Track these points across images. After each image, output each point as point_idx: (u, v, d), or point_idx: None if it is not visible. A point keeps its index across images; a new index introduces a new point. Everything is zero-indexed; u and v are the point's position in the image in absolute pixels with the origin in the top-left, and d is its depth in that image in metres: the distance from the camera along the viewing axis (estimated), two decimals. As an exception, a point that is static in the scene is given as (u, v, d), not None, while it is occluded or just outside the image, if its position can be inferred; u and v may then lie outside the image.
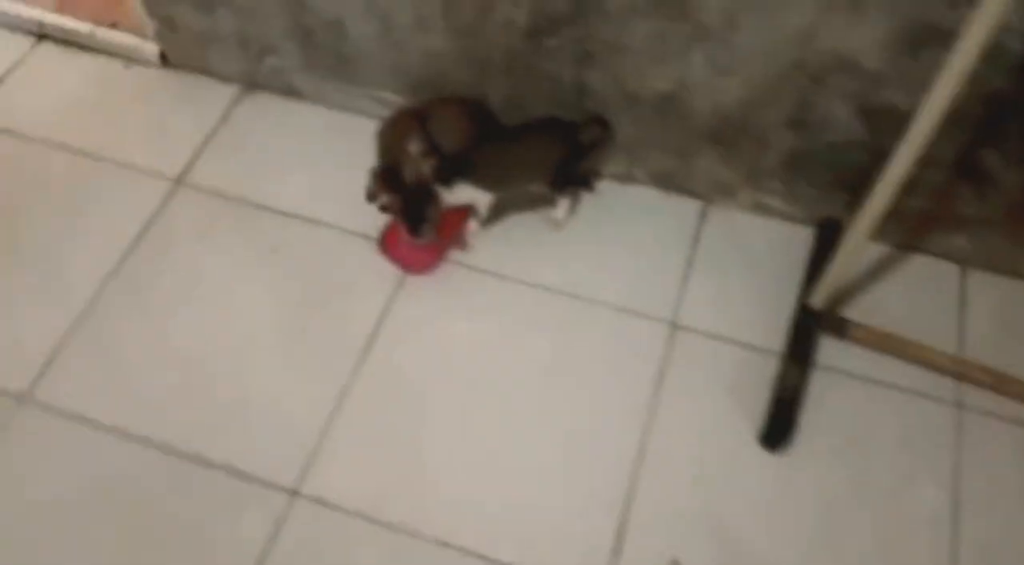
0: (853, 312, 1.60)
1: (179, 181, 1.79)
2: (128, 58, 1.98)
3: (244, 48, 1.85)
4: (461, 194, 1.58)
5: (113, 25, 1.98)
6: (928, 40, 1.33)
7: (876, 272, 1.68)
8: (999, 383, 1.50)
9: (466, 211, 1.65)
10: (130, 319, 1.61)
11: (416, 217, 1.56)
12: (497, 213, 1.69)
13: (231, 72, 1.92)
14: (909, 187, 1.55)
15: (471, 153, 1.57)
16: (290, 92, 1.91)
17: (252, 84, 1.93)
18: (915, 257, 1.70)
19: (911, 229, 1.66)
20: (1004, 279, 1.67)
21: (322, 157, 1.83)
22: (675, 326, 1.60)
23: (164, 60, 1.96)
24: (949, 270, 1.69)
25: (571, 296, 1.64)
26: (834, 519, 1.41)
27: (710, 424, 1.50)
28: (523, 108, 1.71)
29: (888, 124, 1.47)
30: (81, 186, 1.78)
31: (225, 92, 1.93)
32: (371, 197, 1.63)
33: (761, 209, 1.74)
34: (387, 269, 1.67)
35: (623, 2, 1.44)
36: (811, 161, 1.60)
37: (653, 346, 1.58)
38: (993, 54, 1.28)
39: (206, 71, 1.94)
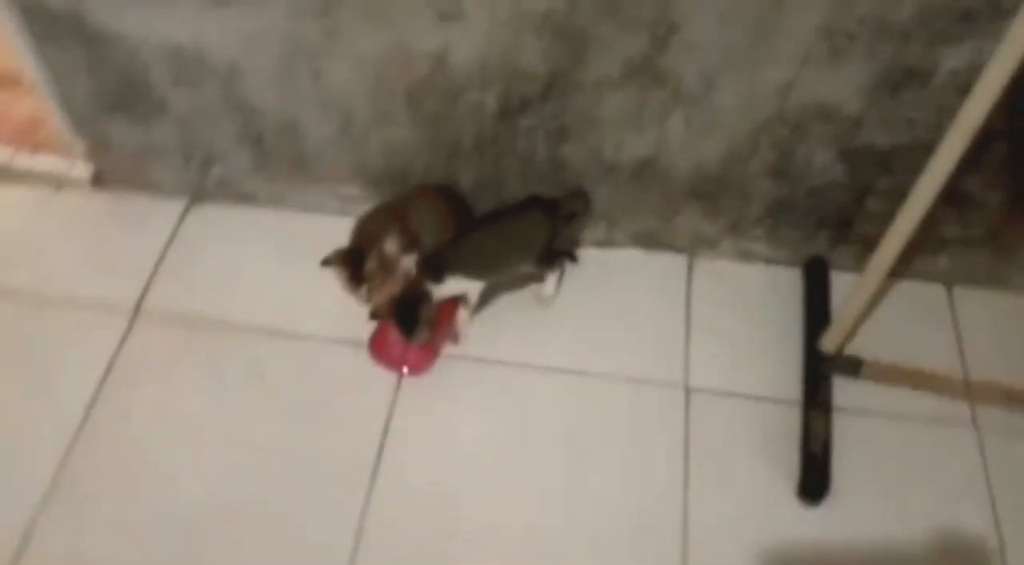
0: (853, 346, 1.60)
1: (136, 312, 1.66)
2: (56, 183, 1.83)
3: (187, 159, 1.74)
4: (451, 286, 1.51)
5: (36, 149, 1.83)
6: (907, 81, 1.34)
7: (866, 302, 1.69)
8: (1010, 399, 1.52)
9: (454, 302, 1.58)
10: (107, 478, 1.46)
11: (409, 319, 1.48)
12: (485, 298, 1.62)
13: (174, 185, 1.80)
14: (891, 220, 1.58)
15: (457, 244, 1.51)
16: (242, 199, 1.81)
17: (199, 195, 1.82)
18: (900, 282, 1.72)
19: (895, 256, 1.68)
20: (987, 291, 1.71)
21: (288, 264, 1.72)
22: (689, 389, 1.56)
23: (97, 180, 1.82)
24: (935, 290, 1.72)
25: (577, 373, 1.59)
26: (887, 561, 1.39)
27: (746, 485, 1.46)
28: (496, 188, 1.65)
29: (868, 163, 1.49)
30: (29, 333, 1.63)
31: (170, 207, 1.81)
32: (325, 263, 1.52)
33: (746, 256, 1.73)
34: (382, 375, 1.58)
35: (597, 76, 1.41)
36: (793, 206, 1.60)
37: (672, 414, 1.53)
38: (971, 85, 1.31)
39: (146, 187, 1.82)
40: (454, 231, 1.56)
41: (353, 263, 1.51)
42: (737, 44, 1.33)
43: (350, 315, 1.60)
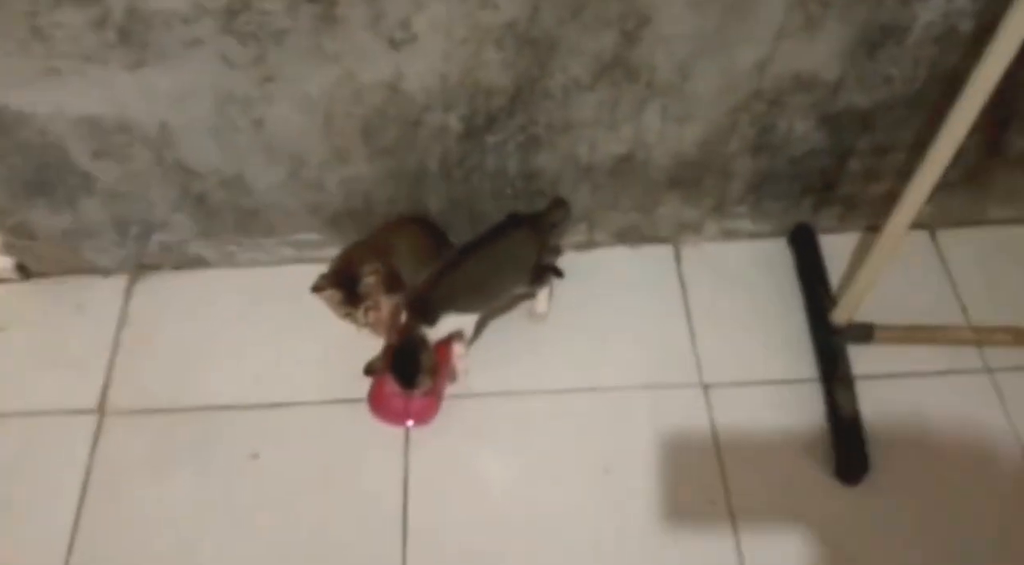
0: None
1: (102, 410, 1.50)
2: (-24, 282, 1.65)
3: (122, 233, 1.57)
4: (445, 326, 1.41)
5: (-57, 250, 1.64)
6: (884, 39, 1.29)
7: (856, 261, 1.66)
8: (1019, 338, 1.52)
9: (448, 339, 1.47)
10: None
11: (408, 370, 1.37)
12: (479, 328, 1.53)
13: (112, 262, 1.64)
14: (872, 176, 1.55)
15: (445, 280, 1.40)
16: (189, 263, 1.65)
17: (141, 268, 1.66)
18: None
19: (876, 212, 1.65)
20: (969, 229, 1.69)
21: (254, 326, 1.59)
22: (706, 386, 1.51)
23: (24, 272, 1.64)
24: (919, 236, 1.69)
25: (590, 390, 1.51)
26: (938, 525, 1.37)
27: (785, 474, 1.42)
28: (467, 209, 1.55)
29: (849, 125, 1.45)
30: (-11, 458, 1.46)
31: (112, 286, 1.64)
32: (315, 289, 1.40)
33: (730, 234, 1.68)
34: (388, 431, 1.47)
35: (566, 80, 1.31)
36: (775, 178, 1.55)
37: (696, 415, 1.48)
38: (946, 34, 1.28)
39: (81, 270, 1.64)
40: (434, 264, 1.45)
41: (345, 285, 1.40)
42: (710, 28, 1.25)
43: (337, 371, 1.49)
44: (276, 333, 1.57)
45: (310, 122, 1.36)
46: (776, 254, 1.67)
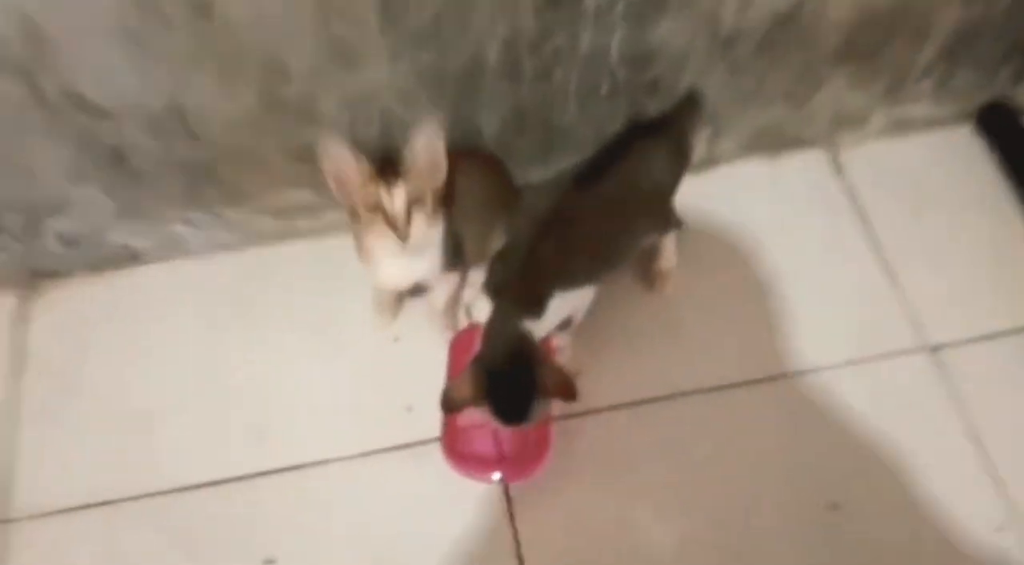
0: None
1: (5, 518, 0.93)
2: None
3: (-3, 228, 0.98)
4: (556, 314, 0.87)
5: None
6: None
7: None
8: None
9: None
10: None
11: (513, 395, 0.82)
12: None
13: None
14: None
15: (552, 241, 0.85)
16: (113, 261, 1.08)
17: (36, 276, 1.07)
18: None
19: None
20: None
21: (234, 347, 1.04)
22: (933, 349, 1.02)
23: None
24: None
25: (770, 379, 1.01)
26: None
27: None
28: (539, 122, 1.02)
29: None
30: None
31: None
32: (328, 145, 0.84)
33: (900, 127, 1.18)
34: (473, 486, 0.94)
35: None
36: (979, 35, 1.06)
37: (928, 390, 1.00)
38: None
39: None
40: (526, 217, 0.91)
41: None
42: None
43: (379, 401, 0.96)
44: (269, 353, 1.02)
45: (290, 4, 0.79)
46: (964, 146, 1.18)
